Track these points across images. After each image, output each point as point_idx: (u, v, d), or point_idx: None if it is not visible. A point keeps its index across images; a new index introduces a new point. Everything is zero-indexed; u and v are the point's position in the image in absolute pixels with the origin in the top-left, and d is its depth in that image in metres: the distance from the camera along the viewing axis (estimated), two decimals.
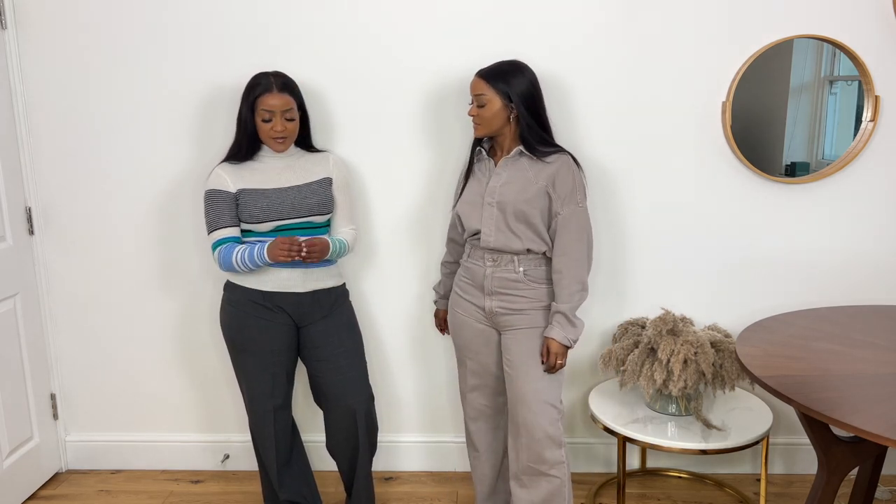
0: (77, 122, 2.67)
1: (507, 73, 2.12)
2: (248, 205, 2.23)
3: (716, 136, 2.60)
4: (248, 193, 2.23)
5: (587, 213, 2.17)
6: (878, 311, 2.43)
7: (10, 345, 2.65)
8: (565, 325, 2.12)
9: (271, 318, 2.29)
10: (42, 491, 2.81)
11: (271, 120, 2.20)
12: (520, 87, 2.11)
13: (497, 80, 2.11)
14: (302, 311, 2.32)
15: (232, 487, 2.82)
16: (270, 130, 2.21)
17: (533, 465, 2.17)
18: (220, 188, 2.24)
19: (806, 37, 2.50)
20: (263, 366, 2.30)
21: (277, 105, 2.19)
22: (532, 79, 2.14)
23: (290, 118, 2.23)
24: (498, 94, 2.10)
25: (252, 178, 2.26)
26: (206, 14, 2.56)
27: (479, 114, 2.14)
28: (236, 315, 2.30)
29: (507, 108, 2.12)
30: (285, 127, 2.22)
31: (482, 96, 2.12)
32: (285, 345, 2.32)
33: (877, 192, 2.62)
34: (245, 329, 2.29)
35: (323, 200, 2.32)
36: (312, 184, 2.31)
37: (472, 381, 2.35)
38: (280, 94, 2.20)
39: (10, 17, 2.59)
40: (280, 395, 2.35)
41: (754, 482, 2.81)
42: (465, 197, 2.26)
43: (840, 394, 1.78)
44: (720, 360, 2.37)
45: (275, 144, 2.25)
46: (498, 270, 2.20)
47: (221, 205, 2.24)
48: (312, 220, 2.31)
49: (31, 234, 2.75)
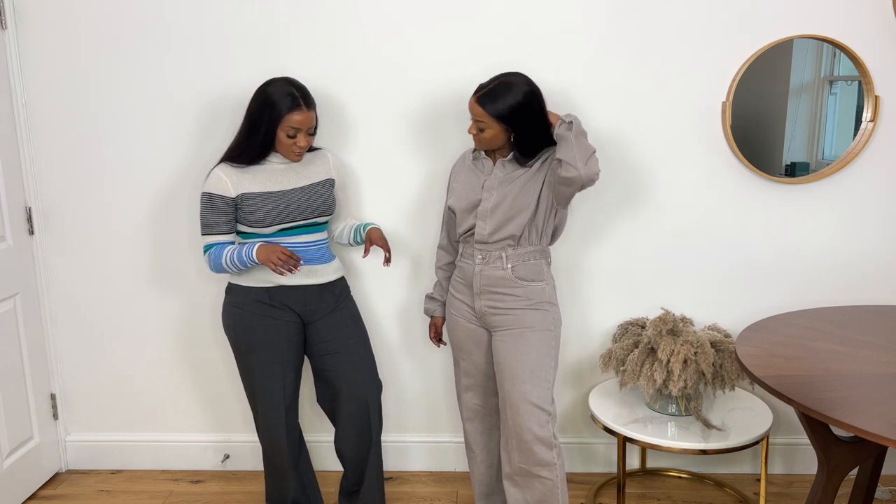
0: (77, 122, 2.67)
1: (504, 97, 2.08)
2: (253, 209, 2.21)
3: (716, 136, 2.60)
4: (252, 198, 2.22)
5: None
6: (878, 311, 2.43)
7: (10, 345, 2.65)
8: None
9: (278, 317, 2.28)
10: (42, 491, 2.81)
11: (296, 136, 2.20)
12: (516, 107, 2.08)
13: (494, 105, 2.08)
14: (309, 308, 2.31)
15: (232, 487, 2.82)
16: (293, 146, 2.21)
17: (524, 467, 2.17)
18: (220, 193, 2.21)
19: (806, 37, 2.50)
20: (272, 366, 2.29)
21: (305, 122, 2.19)
22: (527, 92, 2.09)
23: (311, 133, 2.24)
24: (496, 121, 2.09)
25: (255, 181, 2.24)
26: (206, 14, 2.56)
27: (479, 136, 2.15)
28: (241, 316, 2.29)
29: (507, 130, 2.12)
30: (308, 142, 2.23)
31: (481, 123, 2.11)
32: (293, 343, 2.31)
33: (877, 192, 2.62)
34: (251, 330, 2.28)
35: (327, 202, 2.32)
36: (316, 185, 2.31)
37: (466, 382, 2.35)
38: (308, 112, 2.19)
39: (10, 17, 2.59)
40: (290, 394, 2.35)
41: (754, 482, 2.81)
42: (458, 193, 2.27)
43: (840, 394, 1.78)
44: (720, 360, 2.37)
45: (293, 157, 2.24)
46: (487, 268, 2.20)
47: (218, 211, 2.22)
48: (316, 221, 2.31)
49: (31, 234, 2.75)
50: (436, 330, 2.48)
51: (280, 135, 2.20)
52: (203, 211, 2.23)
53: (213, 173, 2.24)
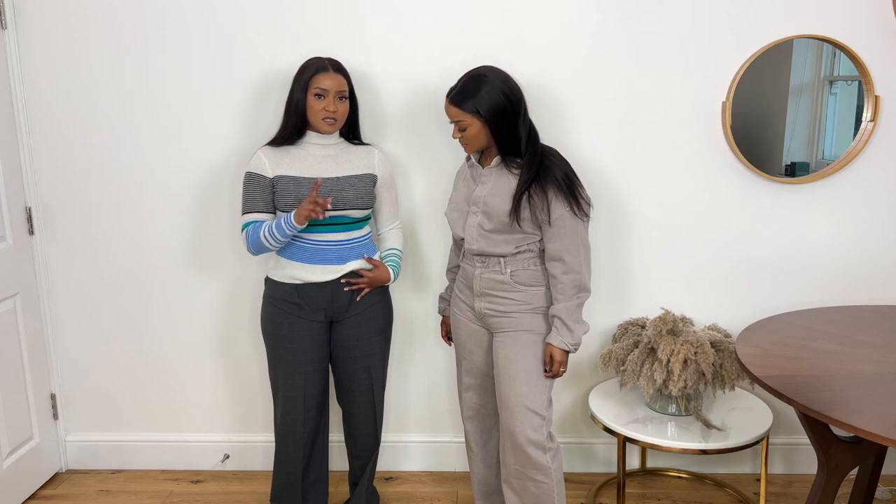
0: (77, 122, 2.67)
1: (474, 91, 2.05)
2: (283, 192, 2.22)
3: (716, 136, 2.60)
4: (285, 180, 2.23)
5: (581, 221, 2.11)
6: (878, 311, 2.43)
7: (10, 345, 2.65)
8: (562, 329, 2.10)
9: (304, 316, 2.28)
10: (42, 491, 2.81)
11: (325, 97, 2.20)
12: (488, 101, 2.05)
13: (466, 101, 2.05)
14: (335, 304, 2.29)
15: (232, 487, 2.82)
16: (322, 110, 2.21)
17: (520, 469, 2.16)
18: (258, 172, 2.25)
19: (806, 37, 2.50)
20: (295, 364, 2.30)
21: (332, 84, 2.20)
22: (501, 86, 2.06)
23: (342, 97, 2.24)
24: (473, 116, 2.06)
25: (292, 165, 2.25)
26: (207, 14, 2.56)
27: (463, 136, 2.11)
28: (271, 311, 2.31)
29: (485, 124, 2.07)
30: (337, 107, 2.22)
31: (460, 122, 2.08)
32: (318, 344, 2.31)
33: (877, 192, 2.62)
34: (279, 325, 2.29)
35: (360, 195, 2.27)
36: (352, 177, 2.28)
37: (467, 381, 2.35)
38: (335, 75, 2.21)
39: (10, 17, 2.59)
40: (312, 396, 2.35)
41: (754, 482, 2.81)
42: (453, 202, 2.26)
43: (840, 394, 1.78)
44: (720, 360, 2.37)
45: (324, 125, 2.23)
46: (486, 272, 2.19)
47: (256, 189, 2.25)
48: (348, 215, 2.27)
49: (31, 234, 2.75)
50: (445, 328, 2.49)
51: (310, 100, 2.21)
52: (244, 189, 2.28)
53: (256, 154, 2.28)
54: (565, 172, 2.10)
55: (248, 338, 2.82)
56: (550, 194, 2.07)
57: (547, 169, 2.09)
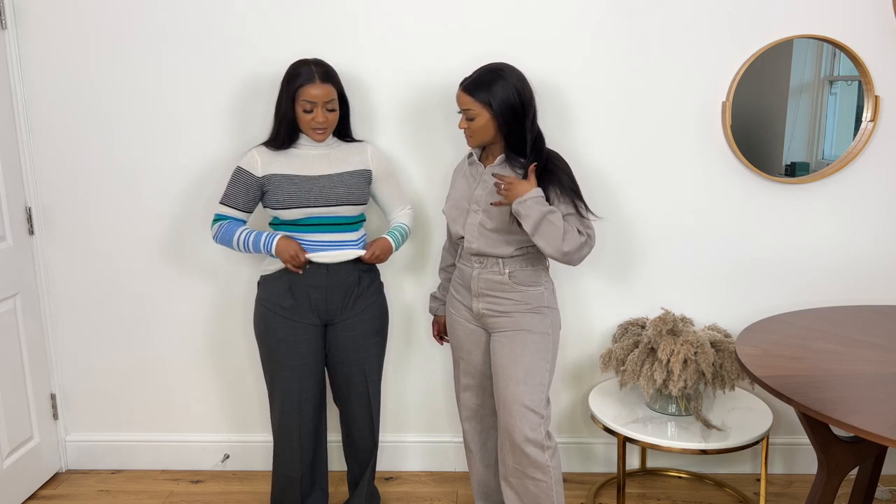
0: (77, 122, 2.67)
1: (489, 83, 2.06)
2: (275, 190, 2.22)
3: (716, 136, 2.60)
4: (277, 179, 2.23)
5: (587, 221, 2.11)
6: (878, 311, 2.43)
7: (10, 345, 2.65)
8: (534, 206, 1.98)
9: (298, 319, 2.27)
10: (42, 491, 2.81)
11: (312, 111, 2.19)
12: (501, 95, 2.06)
13: (480, 91, 2.06)
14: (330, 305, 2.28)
15: (232, 487, 2.82)
16: (311, 121, 2.20)
17: (518, 468, 2.16)
18: (248, 169, 2.26)
19: (806, 37, 2.50)
20: (290, 368, 2.29)
21: (319, 96, 2.18)
22: (516, 83, 2.08)
23: (331, 108, 2.22)
24: (483, 106, 2.06)
25: (285, 164, 2.25)
26: (207, 13, 2.56)
27: (470, 126, 2.11)
28: (265, 314, 2.29)
29: (494, 118, 2.08)
30: (326, 118, 2.21)
31: (469, 110, 2.09)
32: (312, 348, 2.30)
33: (877, 192, 2.62)
34: (273, 330, 2.28)
35: (352, 191, 2.27)
36: (345, 174, 2.28)
37: (465, 381, 2.35)
38: (322, 85, 2.18)
39: (10, 17, 2.59)
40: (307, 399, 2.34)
41: (754, 482, 2.81)
42: (452, 199, 2.26)
43: (840, 394, 1.78)
44: (720, 360, 2.37)
45: (315, 135, 2.23)
46: (484, 272, 2.19)
47: (241, 186, 2.26)
48: (342, 214, 2.26)
49: (31, 234, 2.75)
50: (438, 328, 2.50)
51: (299, 111, 2.20)
52: (229, 182, 2.29)
53: (250, 151, 2.29)
54: (570, 176, 2.13)
55: (248, 337, 2.82)
56: (555, 195, 2.08)
57: (552, 173, 2.10)
